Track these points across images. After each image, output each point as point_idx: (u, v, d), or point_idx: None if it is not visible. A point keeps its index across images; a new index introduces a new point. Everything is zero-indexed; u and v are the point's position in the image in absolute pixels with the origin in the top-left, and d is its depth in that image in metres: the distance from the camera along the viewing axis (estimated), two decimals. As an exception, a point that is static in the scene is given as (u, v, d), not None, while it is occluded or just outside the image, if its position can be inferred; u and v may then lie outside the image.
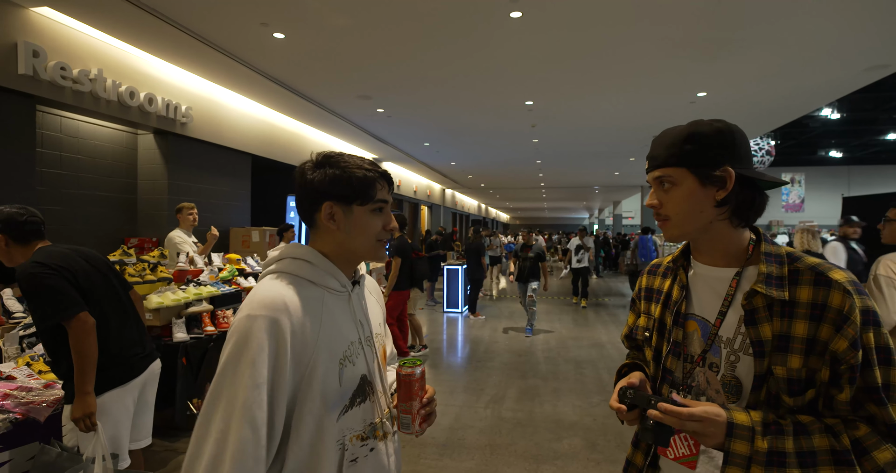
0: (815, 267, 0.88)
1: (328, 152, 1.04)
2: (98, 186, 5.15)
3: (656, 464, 1.05)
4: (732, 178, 0.90)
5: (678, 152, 0.92)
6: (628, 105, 6.95)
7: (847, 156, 23.43)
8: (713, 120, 0.94)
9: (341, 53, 5.00)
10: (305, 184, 1.02)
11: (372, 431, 1.02)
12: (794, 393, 0.85)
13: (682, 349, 1.01)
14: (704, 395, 0.96)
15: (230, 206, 6.68)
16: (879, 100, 15.35)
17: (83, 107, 4.47)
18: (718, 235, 0.95)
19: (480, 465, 3.12)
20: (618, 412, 0.97)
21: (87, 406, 1.86)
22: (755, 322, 0.89)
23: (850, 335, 0.81)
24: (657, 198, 0.97)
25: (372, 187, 1.01)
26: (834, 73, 5.55)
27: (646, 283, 1.16)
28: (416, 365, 1.02)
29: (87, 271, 2.03)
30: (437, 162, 12.77)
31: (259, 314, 0.88)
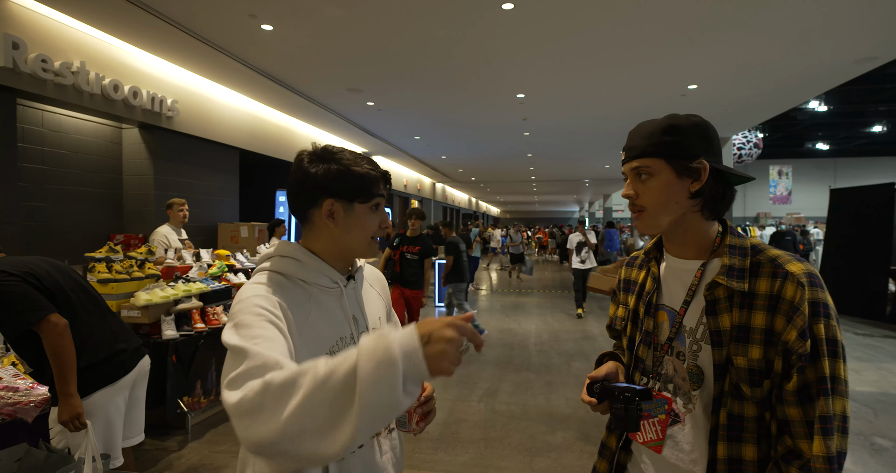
0: (774, 259, 0.90)
1: (328, 146, 1.02)
2: (82, 181, 5.05)
3: (628, 447, 1.11)
4: (707, 170, 0.93)
5: (657, 143, 0.94)
6: (620, 98, 6.94)
7: (834, 148, 23.71)
8: (689, 114, 0.97)
9: (331, 46, 4.93)
10: (305, 177, 0.98)
11: None
12: (754, 384, 0.87)
13: (652, 338, 1.05)
14: (672, 382, 1.00)
15: (218, 201, 6.59)
16: (866, 92, 15.51)
17: (65, 100, 4.36)
18: (690, 227, 0.98)
19: (475, 459, 3.12)
20: (589, 405, 1.03)
21: (72, 408, 1.82)
22: (715, 313, 0.92)
23: (800, 325, 0.83)
24: (633, 189, 0.99)
25: (375, 185, 1.00)
26: (823, 65, 5.57)
27: (624, 275, 1.20)
28: None
29: (50, 272, 1.97)
30: (427, 156, 12.71)
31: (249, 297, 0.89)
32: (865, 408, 3.96)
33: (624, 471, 1.11)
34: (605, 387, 0.99)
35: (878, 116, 18.75)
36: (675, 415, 0.99)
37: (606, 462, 1.13)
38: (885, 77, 13.68)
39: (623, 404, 0.95)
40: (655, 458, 1.02)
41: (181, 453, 3.13)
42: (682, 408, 0.98)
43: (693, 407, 0.97)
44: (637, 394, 0.95)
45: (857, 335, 6.55)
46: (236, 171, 7.00)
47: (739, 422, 0.89)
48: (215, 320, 3.64)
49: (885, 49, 5.08)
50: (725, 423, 0.90)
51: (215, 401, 3.72)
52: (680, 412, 0.98)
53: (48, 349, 1.81)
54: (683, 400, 0.98)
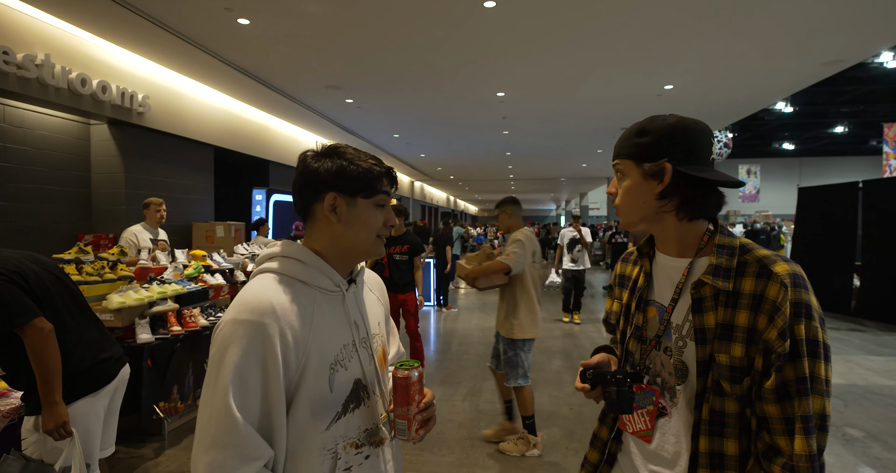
0: (761, 259, 0.91)
1: (334, 144, 1.01)
2: (48, 179, 4.83)
3: (619, 438, 1.13)
4: (668, 172, 0.93)
5: (628, 145, 0.98)
6: (598, 97, 7.02)
7: (799, 148, 24.51)
8: (669, 115, 0.96)
9: (310, 41, 4.84)
10: (308, 172, 0.97)
11: (367, 438, 0.98)
12: (735, 380, 0.89)
13: (641, 332, 1.06)
14: (660, 376, 1.02)
15: (192, 200, 6.41)
16: (829, 94, 16.08)
17: (29, 95, 4.17)
18: (667, 226, 0.99)
19: (461, 459, 3.10)
20: (583, 391, 1.05)
21: (58, 417, 1.74)
22: (701, 311, 0.94)
23: (780, 324, 0.84)
24: (615, 187, 1.03)
25: (379, 181, 0.99)
26: (793, 67, 5.74)
27: (619, 270, 1.22)
28: (414, 367, 0.97)
29: (38, 274, 1.87)
30: (406, 154, 12.64)
31: (245, 319, 0.85)
32: (836, 400, 4.09)
33: (614, 461, 1.14)
34: (598, 372, 1.02)
35: (840, 118, 19.46)
36: (661, 407, 1.02)
37: (598, 452, 1.15)
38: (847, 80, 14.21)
39: (616, 386, 0.97)
40: (644, 449, 1.04)
41: (158, 460, 3.02)
42: (668, 402, 1.01)
43: (677, 401, 0.99)
44: (629, 376, 0.98)
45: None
46: (211, 169, 6.82)
47: (721, 418, 0.91)
48: (192, 322, 3.53)
49: (852, 52, 5.27)
50: (707, 418, 0.92)
51: (192, 406, 3.61)
52: (667, 406, 1.01)
53: (32, 354, 1.72)
54: (669, 394, 1.01)
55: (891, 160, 15.95)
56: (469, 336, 6.38)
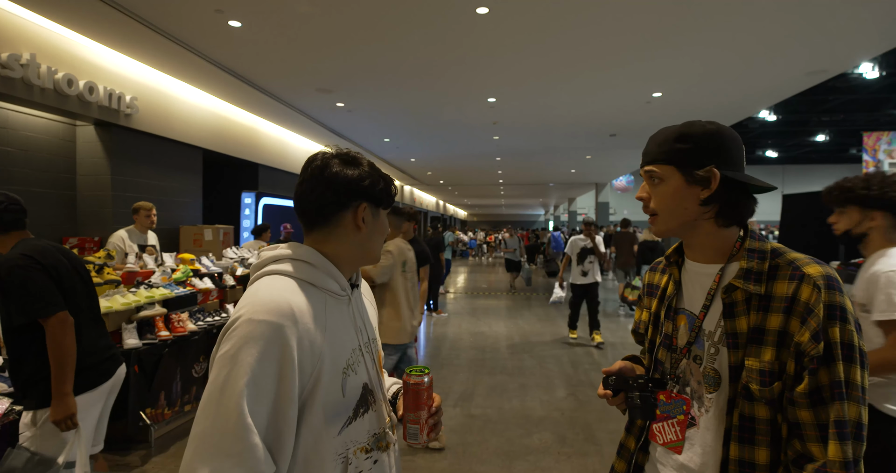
0: (793, 262, 0.91)
1: (347, 150, 1.03)
2: (31, 181, 4.74)
3: (646, 449, 1.12)
4: (717, 179, 0.93)
5: (668, 150, 0.96)
6: (588, 104, 7.08)
7: (782, 155, 24.96)
8: (707, 121, 0.97)
9: (301, 44, 4.82)
10: (337, 179, 0.96)
11: (376, 442, 0.98)
12: (764, 384, 0.88)
13: (671, 341, 1.06)
14: (689, 385, 1.01)
15: (180, 203, 6.33)
16: (811, 103, 16.40)
17: (13, 95, 4.09)
18: (704, 232, 0.99)
19: (454, 465, 3.09)
20: (605, 398, 1.05)
21: (67, 408, 1.81)
22: (733, 315, 0.93)
23: (813, 326, 0.83)
24: (647, 192, 1.01)
25: (394, 193, 1.05)
26: (777, 76, 5.85)
27: (648, 279, 1.21)
28: (425, 373, 0.98)
29: (68, 270, 1.98)
30: (396, 158, 12.63)
31: (263, 319, 0.81)
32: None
33: (641, 472, 1.12)
34: (621, 378, 1.01)
35: (821, 126, 19.86)
36: (692, 418, 1.00)
37: (625, 462, 1.14)
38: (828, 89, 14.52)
39: (639, 391, 0.96)
40: (672, 459, 1.03)
41: (144, 468, 2.96)
42: (696, 412, 0.99)
43: (706, 411, 0.97)
44: (651, 381, 0.96)
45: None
46: (199, 171, 6.75)
47: (751, 423, 0.90)
48: (180, 327, 3.48)
49: (835, 62, 5.38)
50: (738, 424, 0.91)
51: (180, 412, 3.55)
52: (696, 415, 1.00)
53: (52, 345, 1.80)
54: (697, 404, 0.99)
55: (870, 168, 16.32)
56: (459, 341, 6.37)
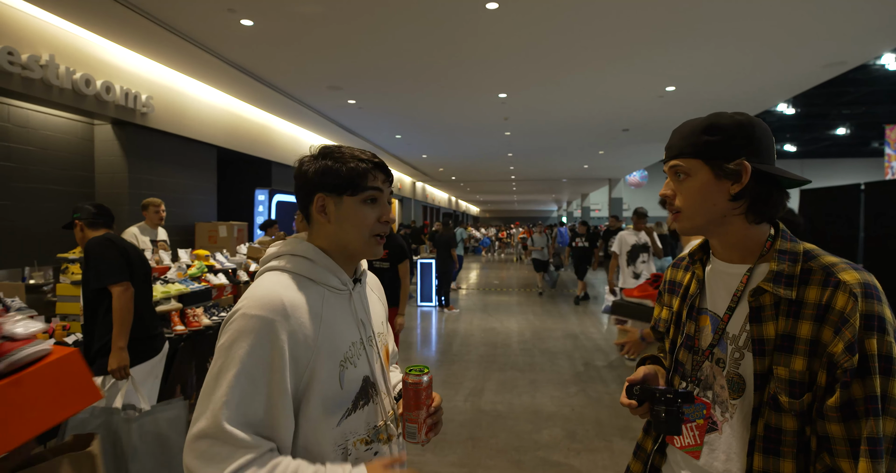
0: (827, 267, 0.85)
1: (326, 145, 1.02)
2: (51, 179, 4.85)
3: (663, 451, 1.09)
4: (748, 172, 0.87)
5: (694, 143, 0.90)
6: (600, 99, 7.02)
7: (801, 149, 24.48)
8: (735, 112, 0.91)
9: (312, 42, 4.85)
10: (300, 176, 1.00)
11: (376, 434, 0.99)
12: (794, 396, 0.83)
13: (693, 342, 1.01)
14: (711, 390, 0.97)
15: (195, 200, 6.43)
16: (831, 95, 16.05)
17: (33, 95, 4.19)
18: (733, 230, 0.93)
19: (463, 459, 3.11)
20: (629, 408, 0.99)
21: (121, 359, 2.26)
22: (760, 320, 0.88)
23: (847, 337, 0.78)
24: (671, 189, 0.96)
25: (363, 177, 0.97)
26: (795, 68, 5.74)
27: (670, 276, 1.16)
28: (424, 373, 0.98)
29: (135, 257, 2.50)
30: (408, 155, 12.66)
31: (255, 314, 0.85)
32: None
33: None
34: (646, 389, 0.96)
35: (841, 119, 19.44)
36: (712, 422, 0.96)
37: (641, 463, 1.12)
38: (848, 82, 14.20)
39: (665, 406, 0.92)
40: (691, 464, 0.99)
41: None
42: (719, 416, 0.95)
43: (730, 417, 0.94)
44: (679, 396, 0.92)
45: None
46: (213, 169, 6.84)
47: (777, 435, 0.86)
48: (195, 322, 3.54)
49: (853, 54, 5.27)
50: (762, 435, 0.87)
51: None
52: (717, 420, 0.96)
53: (115, 306, 2.28)
54: (721, 409, 0.95)
55: (892, 162, 15.92)
56: (471, 337, 6.39)
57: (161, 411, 2.14)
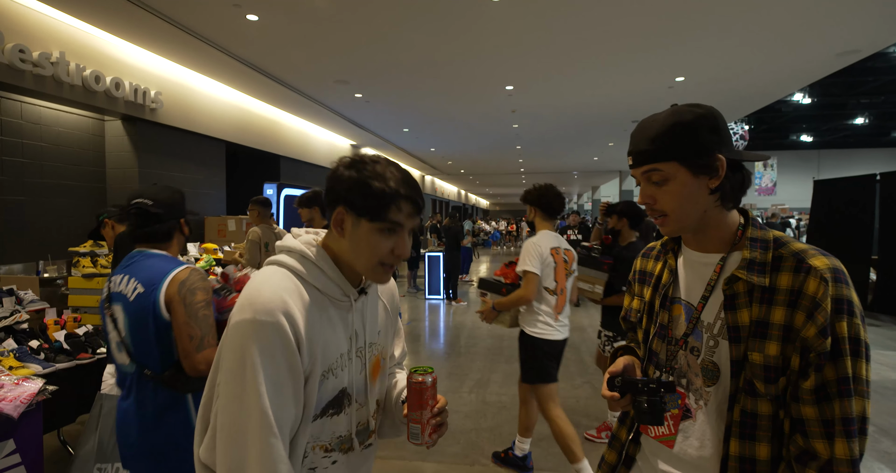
0: (798, 253, 0.87)
1: (365, 155, 0.96)
2: (64, 175, 4.94)
3: (638, 440, 1.09)
4: (724, 165, 0.88)
5: (665, 145, 0.89)
6: (608, 90, 6.96)
7: (817, 140, 24.05)
8: (691, 105, 0.90)
9: (318, 36, 4.87)
10: (331, 179, 0.94)
11: (339, 444, 0.98)
12: (769, 380, 0.85)
13: (667, 331, 1.02)
14: (685, 377, 0.98)
15: (205, 194, 6.51)
16: (848, 85, 15.74)
17: (45, 92, 4.26)
18: (712, 222, 0.94)
19: (466, 449, 3.14)
20: (610, 400, 0.99)
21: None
22: (734, 308, 0.89)
23: (820, 322, 0.80)
24: (650, 193, 0.94)
25: (386, 207, 0.90)
26: (808, 57, 5.63)
27: (640, 266, 1.16)
28: (428, 373, 0.97)
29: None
30: (416, 148, 12.66)
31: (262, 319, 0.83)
32: (847, 394, 4.06)
33: (632, 463, 1.10)
34: (628, 380, 0.97)
35: (859, 109, 19.06)
36: (686, 410, 0.97)
37: (616, 453, 1.12)
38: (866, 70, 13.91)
39: (647, 396, 0.92)
40: (665, 452, 1.01)
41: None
42: (693, 404, 0.97)
43: (704, 404, 0.95)
44: (662, 386, 0.93)
45: (838, 324, 6.69)
46: (223, 164, 6.91)
47: (753, 420, 0.87)
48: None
49: (868, 42, 5.15)
50: (739, 420, 0.88)
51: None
52: (692, 408, 0.97)
53: None
54: (695, 396, 0.97)
55: (912, 152, 15.56)
56: (478, 329, 6.41)
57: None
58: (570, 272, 2.77)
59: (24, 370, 2.31)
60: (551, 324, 2.65)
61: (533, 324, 2.65)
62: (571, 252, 2.80)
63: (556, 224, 2.79)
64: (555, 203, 2.70)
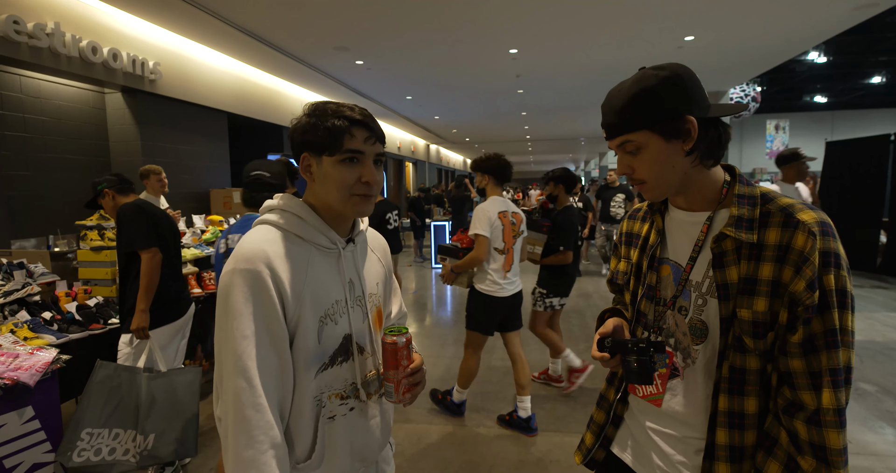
0: (785, 208, 0.86)
1: (317, 101, 1.00)
2: (66, 149, 4.94)
3: (626, 400, 1.11)
4: (696, 126, 0.88)
5: (633, 115, 0.88)
6: (615, 52, 6.75)
7: (832, 101, 23.36)
8: (656, 68, 0.89)
9: (316, 1, 4.73)
10: (291, 134, 1.00)
11: (353, 391, 1.01)
12: (757, 336, 0.86)
13: (655, 292, 1.02)
14: (673, 337, 0.99)
15: (208, 167, 6.50)
16: (866, 42, 15.14)
17: (42, 64, 4.22)
18: (693, 181, 0.94)
19: (471, 409, 3.23)
20: (601, 361, 1.01)
21: (141, 321, 2.34)
22: (722, 266, 0.89)
23: (808, 275, 0.80)
24: (626, 164, 0.94)
25: (340, 137, 0.93)
26: (822, 12, 5.41)
27: (626, 228, 1.16)
28: (401, 333, 0.99)
29: (164, 223, 2.55)
30: (420, 117, 12.48)
31: (241, 268, 0.89)
32: (851, 356, 4.08)
33: (621, 422, 1.12)
34: (618, 341, 0.98)
35: (877, 68, 18.39)
36: (674, 369, 0.99)
37: (604, 413, 1.14)
38: (886, 26, 13.32)
39: (637, 355, 0.93)
40: (653, 410, 1.02)
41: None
42: (681, 363, 0.98)
43: (692, 362, 0.96)
44: (651, 345, 0.94)
45: (846, 287, 6.67)
46: (225, 135, 6.87)
47: (742, 375, 0.88)
48: (211, 285, 3.66)
49: (888, -6, 4.93)
50: (727, 376, 0.89)
51: (217, 364, 3.80)
52: (679, 367, 0.98)
53: (143, 271, 2.35)
54: (683, 355, 0.98)
55: (930, 111, 15.10)
56: (484, 297, 6.47)
57: (176, 374, 2.24)
58: (519, 233, 3.02)
59: (38, 341, 2.37)
60: (499, 282, 2.91)
61: (483, 281, 2.93)
62: (520, 214, 3.03)
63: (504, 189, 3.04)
64: (506, 171, 2.95)
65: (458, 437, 2.93)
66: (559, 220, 3.30)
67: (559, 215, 3.33)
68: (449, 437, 2.93)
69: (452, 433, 2.98)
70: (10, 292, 2.65)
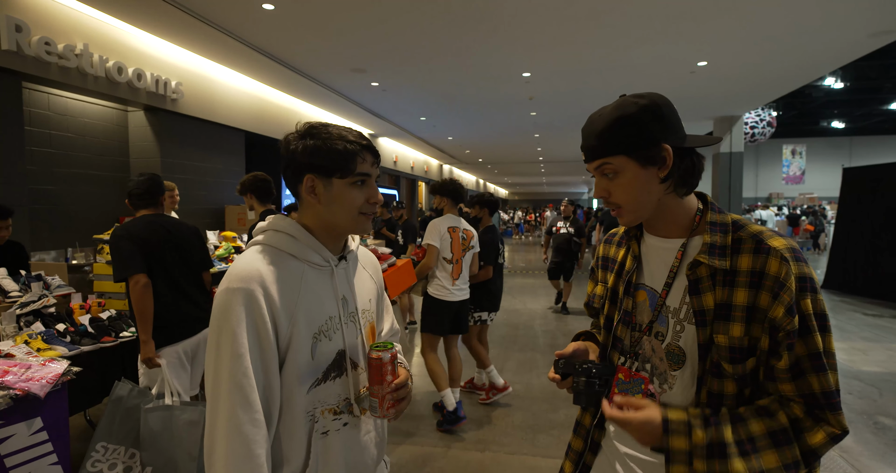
0: (756, 235, 0.89)
1: (312, 123, 1.03)
2: (90, 164, 5.09)
3: (603, 425, 1.11)
4: (671, 154, 0.90)
5: (611, 140, 0.91)
6: (628, 76, 6.81)
7: (850, 126, 23.15)
8: (636, 96, 0.92)
9: (334, 24, 4.87)
10: (288, 155, 1.01)
11: (347, 406, 1.02)
12: (736, 361, 0.86)
13: (631, 318, 1.03)
14: (649, 362, 0.99)
15: (224, 183, 6.63)
16: (884, 68, 15.07)
17: (70, 83, 4.38)
18: (667, 208, 0.96)
19: (478, 435, 3.18)
20: (555, 383, 1.03)
21: (147, 351, 2.29)
22: (698, 292, 0.91)
23: (786, 301, 0.82)
24: (603, 188, 0.96)
25: (352, 160, 0.98)
26: (837, 39, 5.42)
27: (602, 252, 1.17)
28: (387, 349, 1.00)
29: (160, 242, 2.38)
30: (433, 137, 12.63)
31: (235, 287, 0.90)
32: (871, 388, 3.95)
33: (598, 449, 1.11)
34: (568, 363, 0.99)
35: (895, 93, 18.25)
36: (650, 395, 0.98)
37: (581, 440, 1.14)
38: (905, 52, 13.28)
39: (584, 376, 0.94)
40: (629, 437, 0.99)
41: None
42: (657, 389, 0.98)
43: (669, 388, 0.96)
44: (595, 368, 0.94)
45: (865, 316, 6.51)
46: (242, 153, 7.02)
47: (719, 400, 0.89)
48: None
49: (903, 22, 4.93)
50: (706, 401, 0.90)
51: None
52: (655, 392, 0.98)
53: (132, 300, 2.27)
54: (660, 380, 0.98)
55: (951, 138, 14.88)
56: (493, 318, 6.42)
57: (181, 411, 2.15)
58: (469, 248, 3.39)
59: (50, 352, 2.41)
60: (447, 288, 3.29)
61: (433, 286, 3.32)
62: (471, 232, 3.42)
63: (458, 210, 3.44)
64: (461, 193, 3.39)
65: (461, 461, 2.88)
66: (483, 238, 3.60)
67: (483, 234, 3.64)
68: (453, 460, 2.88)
69: (457, 456, 2.94)
70: (26, 304, 2.71)
